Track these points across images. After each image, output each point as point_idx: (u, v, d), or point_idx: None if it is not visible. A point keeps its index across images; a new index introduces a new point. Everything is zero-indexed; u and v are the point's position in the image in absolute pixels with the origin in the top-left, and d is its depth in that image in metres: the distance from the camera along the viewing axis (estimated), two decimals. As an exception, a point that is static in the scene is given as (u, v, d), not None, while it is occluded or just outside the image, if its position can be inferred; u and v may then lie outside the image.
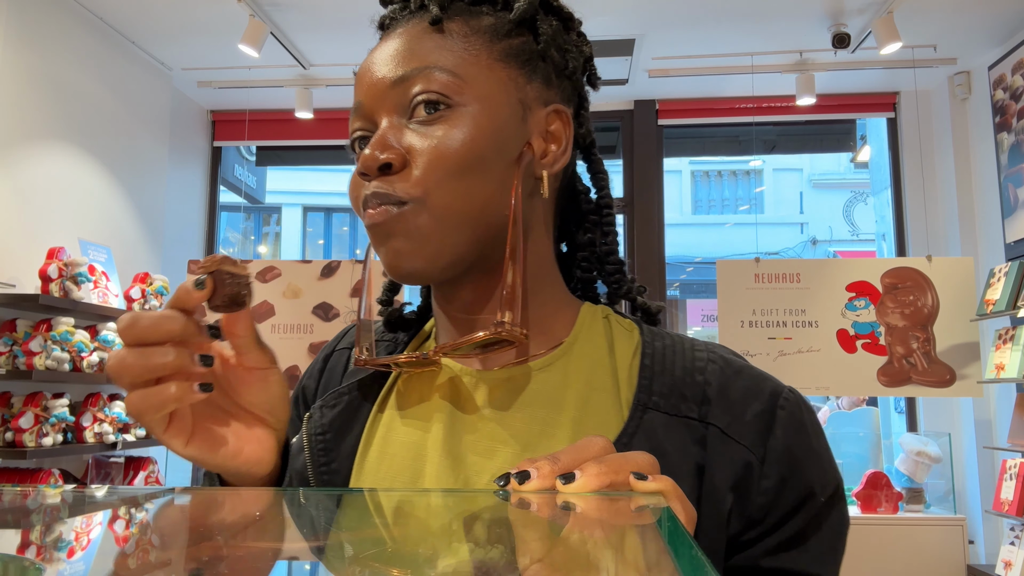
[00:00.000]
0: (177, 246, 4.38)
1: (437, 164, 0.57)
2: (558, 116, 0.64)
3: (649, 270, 4.45)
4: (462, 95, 0.59)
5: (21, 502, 0.47)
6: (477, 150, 0.58)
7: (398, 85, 0.59)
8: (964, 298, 3.68)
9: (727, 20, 3.67)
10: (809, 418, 0.60)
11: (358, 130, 0.63)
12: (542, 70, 0.64)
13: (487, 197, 0.59)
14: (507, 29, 0.63)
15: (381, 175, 0.58)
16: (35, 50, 3.22)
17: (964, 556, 3.58)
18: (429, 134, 0.58)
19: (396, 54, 0.61)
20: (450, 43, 0.60)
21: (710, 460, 0.56)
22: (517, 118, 0.61)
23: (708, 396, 0.59)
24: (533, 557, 0.34)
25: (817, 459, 0.59)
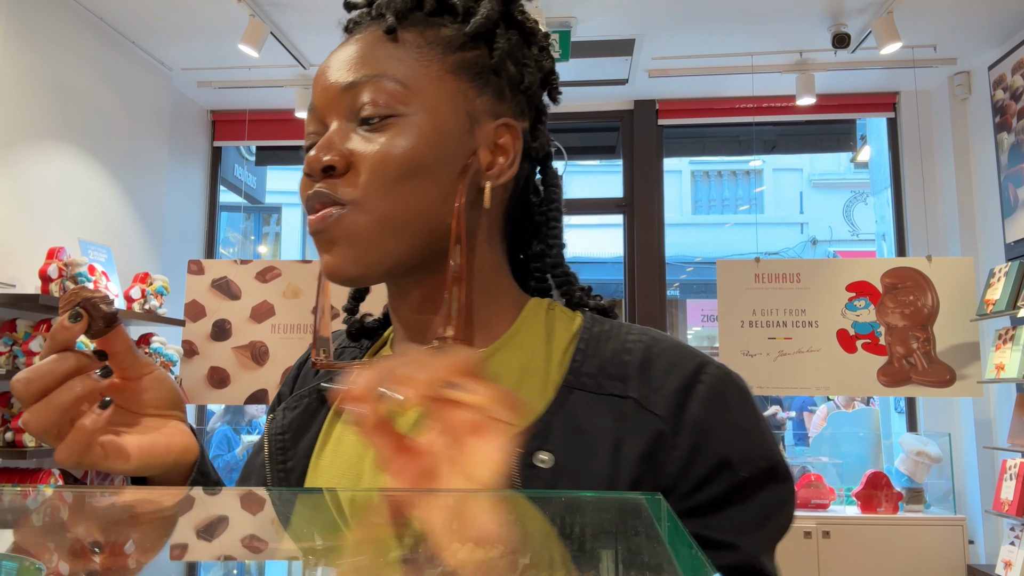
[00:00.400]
0: (177, 246, 4.38)
1: (378, 169, 0.59)
2: (507, 130, 0.65)
3: (649, 270, 4.45)
4: (409, 105, 0.61)
5: (21, 502, 0.47)
6: (418, 158, 0.60)
7: (348, 91, 0.61)
8: (964, 298, 3.68)
9: (727, 20, 3.68)
10: (734, 393, 0.60)
11: (312, 134, 0.64)
12: (494, 84, 0.65)
13: (427, 205, 0.61)
14: (462, 42, 0.64)
15: (325, 177, 0.60)
16: (35, 50, 3.22)
17: (964, 556, 3.58)
18: (373, 140, 0.60)
19: (350, 60, 0.63)
20: (403, 52, 0.62)
21: (625, 431, 0.57)
22: (463, 130, 0.63)
23: (630, 372, 0.60)
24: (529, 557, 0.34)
25: (739, 433, 0.58)
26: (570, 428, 0.58)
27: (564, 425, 0.58)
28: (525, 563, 0.33)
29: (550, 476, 0.56)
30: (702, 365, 0.60)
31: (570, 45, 3.70)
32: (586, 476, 0.56)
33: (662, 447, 0.57)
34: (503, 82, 0.66)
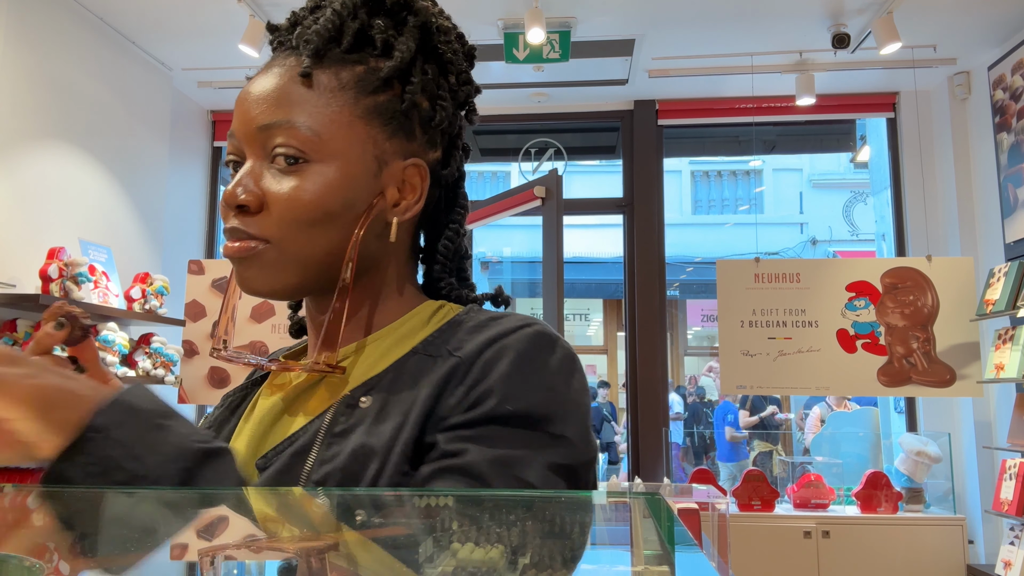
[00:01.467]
0: (177, 246, 4.38)
1: (288, 214, 0.64)
2: (416, 169, 0.70)
3: (649, 270, 4.45)
4: (319, 152, 0.65)
5: (21, 502, 0.47)
6: (325, 205, 0.65)
7: (263, 131, 0.65)
8: (964, 298, 3.68)
9: (727, 20, 3.68)
10: (534, 348, 0.63)
11: (231, 153, 0.69)
12: (405, 125, 0.69)
13: (331, 245, 0.66)
14: (375, 85, 0.67)
15: (239, 212, 0.65)
16: (35, 50, 3.22)
17: (964, 556, 3.58)
18: (284, 184, 0.64)
19: (267, 98, 0.66)
20: (314, 97, 0.65)
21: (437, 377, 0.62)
22: (370, 174, 0.67)
23: (465, 338, 0.65)
24: (526, 555, 0.34)
25: (513, 372, 0.61)
26: (397, 380, 0.64)
27: (393, 379, 0.64)
28: (525, 563, 0.33)
29: (363, 413, 0.62)
30: (521, 326, 0.64)
31: (570, 45, 3.70)
32: (390, 410, 0.62)
33: (453, 383, 0.62)
34: (413, 122, 0.70)
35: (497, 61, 3.81)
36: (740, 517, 3.71)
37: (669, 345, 6.35)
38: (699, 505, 2.92)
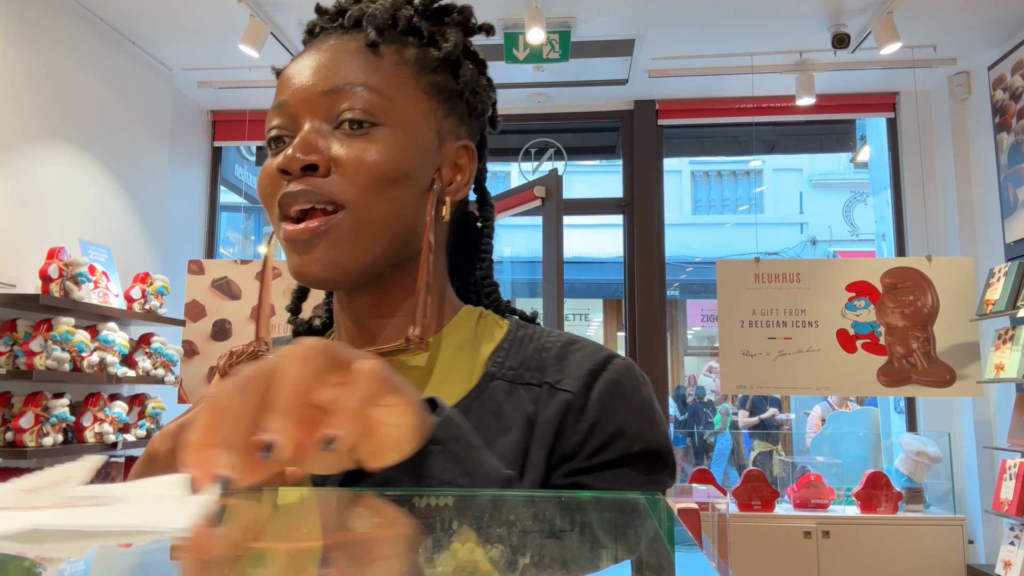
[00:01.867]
0: (177, 246, 4.38)
1: (365, 173, 0.61)
2: (466, 151, 0.71)
3: (649, 270, 4.45)
4: (388, 116, 0.64)
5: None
6: (400, 166, 0.63)
7: (329, 95, 0.63)
8: (964, 298, 3.68)
9: (727, 20, 3.68)
10: (636, 383, 0.65)
11: (277, 127, 0.65)
12: (458, 108, 0.70)
13: (404, 212, 0.65)
14: (433, 65, 0.68)
15: (304, 175, 0.61)
16: (35, 50, 3.22)
17: (964, 556, 3.58)
18: (354, 145, 0.62)
19: (330, 65, 0.64)
20: (382, 66, 0.65)
21: (540, 409, 0.62)
22: (433, 147, 0.67)
23: (546, 365, 0.65)
24: (528, 556, 0.34)
25: (635, 414, 0.63)
26: (487, 411, 0.63)
27: (481, 408, 0.63)
28: (525, 563, 0.33)
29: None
30: (610, 357, 0.66)
31: (570, 45, 3.70)
32: (500, 450, 0.60)
33: (570, 418, 0.62)
34: (463, 107, 0.71)
35: (497, 61, 3.81)
36: (740, 517, 3.71)
37: (669, 345, 6.35)
38: (699, 505, 2.91)
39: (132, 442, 3.39)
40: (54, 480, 0.38)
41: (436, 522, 0.42)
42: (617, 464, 0.61)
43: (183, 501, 0.39)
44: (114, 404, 3.31)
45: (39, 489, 0.38)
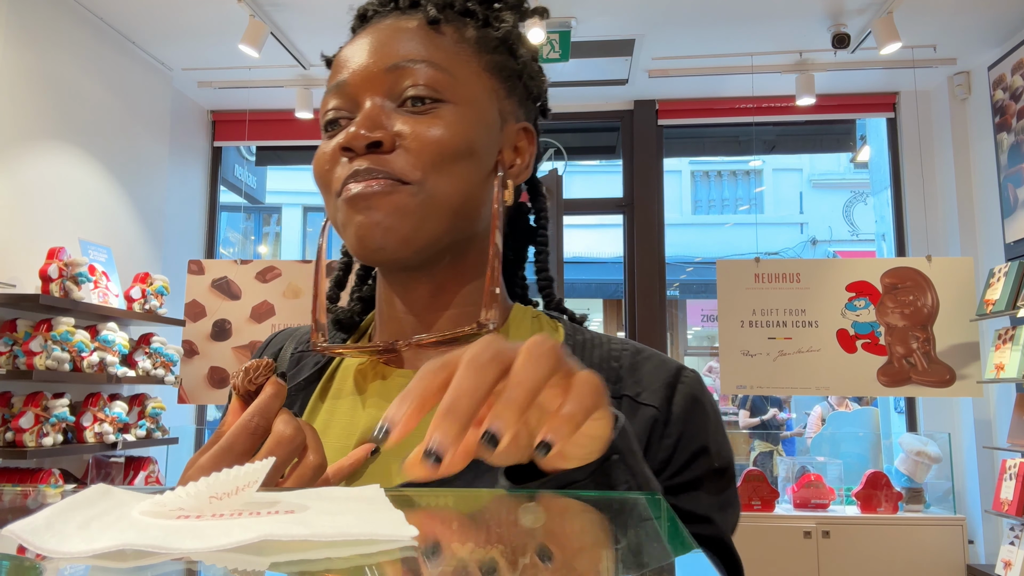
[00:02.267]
0: (177, 246, 4.38)
1: (432, 148, 0.59)
2: (526, 133, 0.69)
3: (649, 270, 4.45)
4: (453, 92, 0.61)
5: (21, 502, 0.47)
6: (467, 142, 0.61)
7: (391, 72, 0.61)
8: (964, 298, 3.68)
9: (727, 20, 3.68)
10: (707, 396, 0.66)
11: (335, 108, 0.63)
12: (518, 89, 0.68)
13: (470, 189, 0.62)
14: (493, 45, 0.66)
15: (368, 152, 0.59)
16: (35, 50, 3.22)
17: (964, 556, 3.58)
18: (420, 122, 0.60)
19: (390, 43, 0.62)
20: (443, 43, 0.63)
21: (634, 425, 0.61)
22: (496, 126, 0.65)
23: (621, 375, 0.64)
24: (527, 554, 0.34)
25: (713, 429, 0.64)
26: None
27: None
28: (525, 563, 0.33)
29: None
30: (681, 368, 0.66)
31: (570, 45, 3.70)
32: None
33: (656, 434, 0.62)
34: (522, 89, 0.69)
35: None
36: (740, 517, 3.71)
37: (669, 345, 6.35)
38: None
39: (132, 442, 3.39)
40: (234, 485, 0.37)
41: (433, 520, 0.42)
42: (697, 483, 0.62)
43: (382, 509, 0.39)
44: (114, 404, 3.31)
45: (224, 496, 0.37)
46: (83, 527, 0.34)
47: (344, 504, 0.40)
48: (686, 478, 0.62)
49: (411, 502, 0.45)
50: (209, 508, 0.37)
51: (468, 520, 0.44)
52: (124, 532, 0.33)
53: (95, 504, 0.38)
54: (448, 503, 0.47)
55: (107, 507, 0.37)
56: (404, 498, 0.45)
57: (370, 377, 0.67)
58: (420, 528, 0.35)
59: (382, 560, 0.33)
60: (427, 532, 0.36)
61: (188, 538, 0.32)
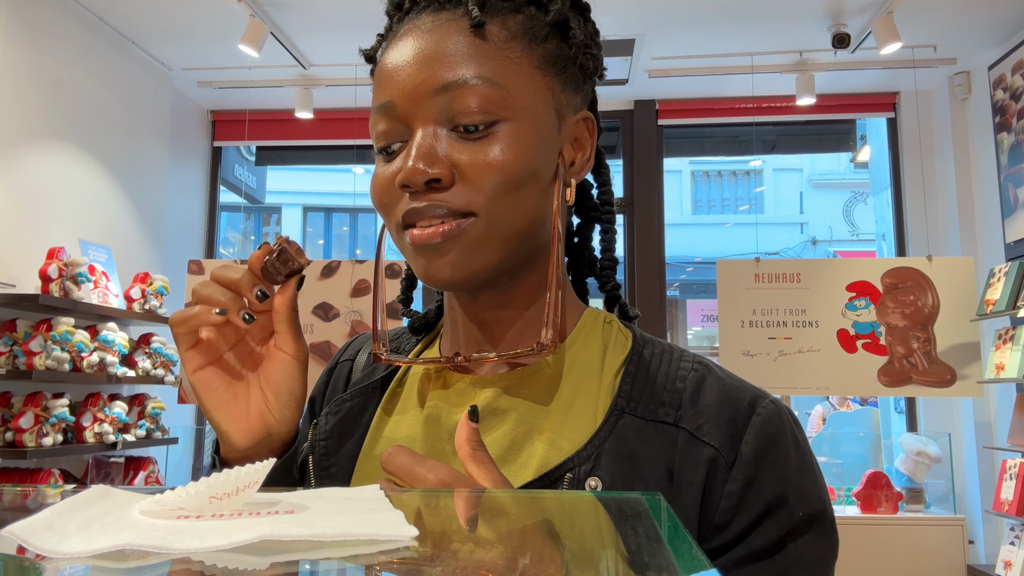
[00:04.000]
0: (177, 246, 4.38)
1: (492, 179, 0.56)
2: (586, 123, 0.65)
3: (649, 270, 4.45)
4: (508, 109, 0.57)
5: (21, 502, 0.47)
6: (529, 165, 0.58)
7: (441, 94, 0.57)
8: (964, 298, 3.68)
9: (727, 20, 3.67)
10: (791, 429, 0.58)
11: (386, 133, 0.60)
12: (573, 76, 0.63)
13: (535, 211, 0.59)
14: (544, 33, 0.61)
15: (427, 189, 0.57)
16: (35, 50, 3.22)
17: (964, 556, 3.58)
18: (478, 149, 0.57)
19: (436, 57, 0.58)
20: (491, 49, 0.58)
21: (679, 463, 0.56)
22: (555, 130, 0.61)
23: (683, 400, 0.58)
24: (529, 555, 0.34)
25: (795, 471, 0.56)
26: (620, 455, 0.56)
27: (614, 450, 0.56)
28: (525, 563, 0.33)
29: None
30: (757, 398, 0.59)
31: (570, 45, 3.69)
32: None
33: (717, 479, 0.55)
34: (578, 73, 0.64)
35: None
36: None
37: (669, 345, 6.33)
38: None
39: (132, 442, 3.39)
40: (234, 486, 0.38)
41: (434, 520, 0.42)
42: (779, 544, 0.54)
43: (382, 509, 0.39)
44: (114, 404, 3.31)
45: (225, 496, 0.37)
46: (83, 527, 0.34)
47: (344, 504, 0.40)
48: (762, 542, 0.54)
49: (411, 502, 0.45)
50: (209, 508, 0.37)
51: (468, 520, 0.44)
52: (124, 532, 0.33)
53: (95, 504, 0.38)
54: (448, 503, 0.47)
55: (107, 507, 0.37)
56: (404, 498, 0.45)
57: (433, 384, 0.66)
58: (420, 528, 0.35)
59: (382, 560, 0.33)
60: (427, 532, 0.36)
61: (188, 538, 0.32)
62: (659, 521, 0.39)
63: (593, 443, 0.57)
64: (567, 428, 0.59)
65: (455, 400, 0.64)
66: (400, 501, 0.42)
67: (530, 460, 0.58)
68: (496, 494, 0.48)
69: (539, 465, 0.57)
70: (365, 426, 0.67)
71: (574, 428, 0.59)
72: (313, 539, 0.33)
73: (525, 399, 0.61)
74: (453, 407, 0.63)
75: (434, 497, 0.48)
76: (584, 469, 0.56)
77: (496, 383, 0.63)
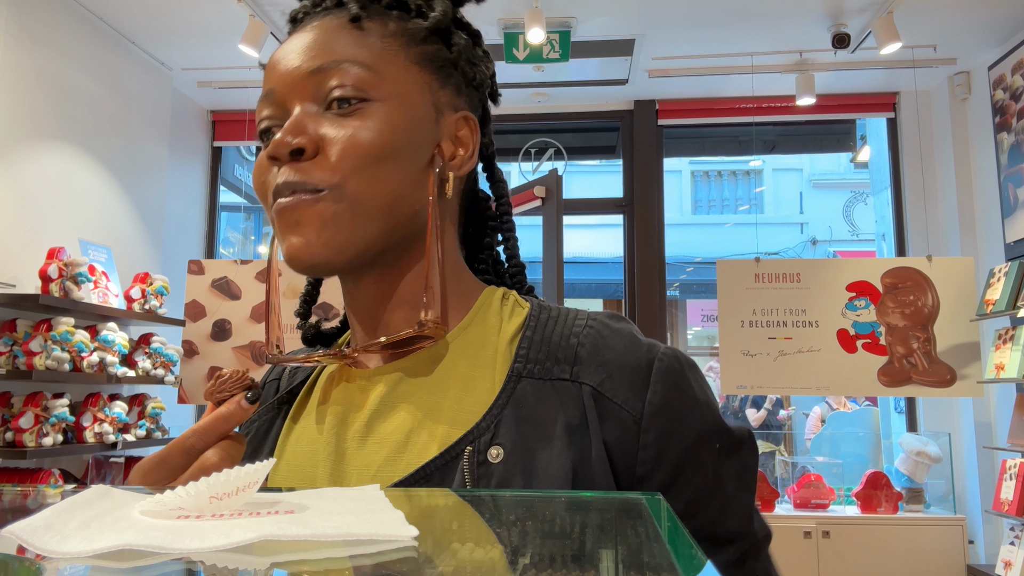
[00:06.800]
0: (177, 246, 4.38)
1: (352, 152, 0.58)
2: (467, 123, 0.67)
3: (649, 270, 4.45)
4: (379, 90, 0.60)
5: (21, 502, 0.47)
6: (392, 142, 0.59)
7: (315, 75, 0.60)
8: (964, 298, 3.68)
9: (727, 20, 3.67)
10: (690, 371, 0.61)
11: (267, 118, 0.62)
12: (454, 78, 0.66)
13: (399, 190, 0.61)
14: (422, 36, 0.64)
15: (292, 160, 0.58)
16: (35, 50, 3.22)
17: (964, 556, 3.58)
18: (344, 124, 0.59)
19: (314, 46, 0.61)
20: (368, 40, 0.62)
21: (587, 418, 0.57)
22: (431, 119, 0.63)
23: (580, 356, 0.60)
24: (527, 555, 0.34)
25: (704, 409, 0.59)
26: (520, 418, 0.57)
27: (513, 416, 0.58)
28: (525, 563, 0.33)
29: (502, 470, 0.55)
30: (653, 347, 0.61)
31: (570, 45, 3.70)
32: (541, 468, 0.55)
33: (629, 431, 0.57)
34: (460, 77, 0.67)
35: (497, 61, 3.80)
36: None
37: (669, 345, 6.34)
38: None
39: (132, 442, 3.39)
40: (234, 486, 0.38)
41: (434, 521, 0.42)
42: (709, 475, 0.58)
43: (382, 509, 0.39)
44: (114, 404, 3.31)
45: (225, 496, 0.37)
46: (83, 527, 0.34)
47: (344, 504, 0.40)
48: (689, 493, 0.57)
49: (411, 502, 0.45)
50: (209, 508, 0.37)
51: (468, 520, 0.44)
52: (124, 532, 0.33)
53: (95, 504, 0.38)
54: (448, 503, 0.47)
55: (107, 507, 0.37)
56: (404, 498, 0.45)
57: (332, 387, 0.67)
58: (420, 528, 0.35)
59: (382, 560, 0.33)
60: (427, 532, 0.36)
61: (188, 538, 0.32)
62: (659, 521, 0.39)
63: (492, 412, 0.58)
64: (466, 403, 0.60)
65: (355, 394, 0.64)
66: (400, 501, 0.42)
67: (431, 441, 0.59)
68: (498, 493, 0.48)
69: (440, 444, 0.58)
70: (274, 439, 0.68)
71: (473, 402, 0.60)
72: (313, 539, 0.33)
73: (422, 384, 0.62)
74: (353, 403, 0.64)
75: (433, 497, 0.48)
76: (484, 440, 0.57)
77: (390, 371, 0.64)
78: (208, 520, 0.35)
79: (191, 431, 0.55)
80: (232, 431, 0.56)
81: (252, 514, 0.36)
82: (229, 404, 0.56)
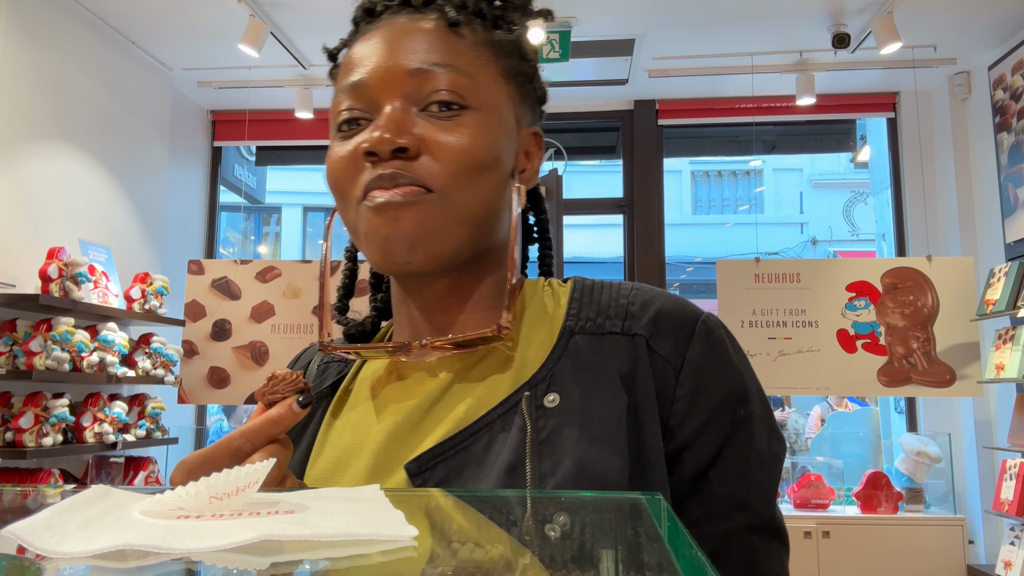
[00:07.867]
0: (177, 246, 4.38)
1: (459, 159, 0.58)
2: (535, 138, 0.69)
3: (649, 270, 4.45)
4: (476, 98, 0.61)
5: (21, 502, 0.47)
6: (491, 152, 0.61)
7: (416, 76, 0.59)
8: (964, 298, 3.68)
9: (727, 20, 3.67)
10: (729, 338, 0.63)
11: (352, 109, 0.61)
12: (529, 94, 0.68)
13: (491, 199, 0.62)
14: (508, 48, 0.65)
15: (394, 158, 0.58)
16: (35, 50, 3.22)
17: (964, 556, 3.58)
18: (449, 130, 0.59)
19: (412, 45, 0.61)
20: (463, 47, 0.62)
21: (638, 369, 0.60)
22: (514, 133, 0.65)
23: (631, 312, 0.62)
24: (527, 555, 0.34)
25: (733, 373, 0.61)
26: (576, 368, 0.60)
27: (568, 367, 0.60)
28: (525, 563, 0.33)
29: (559, 414, 0.57)
30: (698, 310, 0.63)
31: (570, 45, 3.70)
32: (595, 412, 0.57)
33: (668, 383, 0.59)
34: (533, 93, 0.68)
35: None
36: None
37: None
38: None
39: (132, 442, 3.39)
40: (234, 486, 0.38)
41: (435, 521, 0.42)
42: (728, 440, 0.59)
43: (382, 509, 0.39)
44: (114, 404, 3.31)
45: (225, 496, 0.37)
46: (83, 527, 0.34)
47: (344, 504, 0.40)
48: (714, 440, 0.59)
49: (410, 502, 0.45)
50: (209, 508, 0.37)
51: (468, 520, 0.44)
52: (124, 532, 0.33)
53: (95, 504, 0.38)
54: (448, 503, 0.47)
55: (107, 507, 0.37)
56: (403, 498, 0.45)
57: (385, 382, 0.66)
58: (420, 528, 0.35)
59: (382, 560, 0.33)
60: (427, 532, 0.36)
61: (188, 538, 0.32)
62: (659, 521, 0.39)
63: (547, 365, 0.60)
64: (527, 360, 0.62)
65: (412, 387, 0.64)
66: (400, 501, 0.42)
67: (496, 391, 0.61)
68: (498, 493, 0.48)
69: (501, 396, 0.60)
70: (312, 435, 0.67)
71: (533, 357, 0.62)
72: (313, 539, 0.33)
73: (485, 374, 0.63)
74: (413, 393, 0.63)
75: (432, 497, 0.48)
76: (541, 388, 0.59)
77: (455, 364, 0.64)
78: (208, 520, 0.35)
79: (239, 432, 0.54)
80: (281, 435, 0.55)
81: (252, 514, 0.36)
82: (280, 407, 0.54)
